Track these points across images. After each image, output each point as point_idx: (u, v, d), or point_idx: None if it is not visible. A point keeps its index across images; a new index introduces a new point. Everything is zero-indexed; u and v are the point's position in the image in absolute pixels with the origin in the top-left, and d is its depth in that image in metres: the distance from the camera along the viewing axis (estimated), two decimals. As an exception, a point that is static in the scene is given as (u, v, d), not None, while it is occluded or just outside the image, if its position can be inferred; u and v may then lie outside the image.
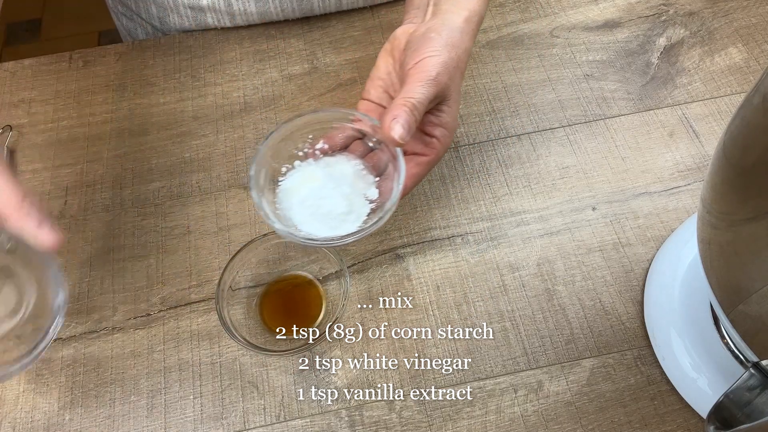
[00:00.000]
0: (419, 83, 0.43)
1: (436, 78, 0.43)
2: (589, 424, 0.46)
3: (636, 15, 0.66)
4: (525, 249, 0.53)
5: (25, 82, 0.64)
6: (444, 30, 0.45)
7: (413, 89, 0.43)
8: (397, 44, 0.48)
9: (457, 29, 0.46)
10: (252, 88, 0.63)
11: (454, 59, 0.45)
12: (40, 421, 0.47)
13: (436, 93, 0.44)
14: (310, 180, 0.48)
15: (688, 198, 0.55)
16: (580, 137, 0.59)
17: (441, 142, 0.47)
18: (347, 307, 0.50)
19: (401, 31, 0.48)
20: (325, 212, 0.46)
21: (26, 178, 0.58)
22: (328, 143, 0.49)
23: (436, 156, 0.47)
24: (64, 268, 0.53)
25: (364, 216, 0.47)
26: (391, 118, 0.42)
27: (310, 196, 0.47)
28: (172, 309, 0.51)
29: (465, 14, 0.47)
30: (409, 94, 0.43)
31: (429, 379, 0.48)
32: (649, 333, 0.49)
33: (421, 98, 0.43)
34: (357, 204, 0.47)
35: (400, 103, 0.42)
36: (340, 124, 0.49)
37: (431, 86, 0.43)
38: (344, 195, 0.47)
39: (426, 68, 0.44)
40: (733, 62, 0.63)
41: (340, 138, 0.49)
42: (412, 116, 0.42)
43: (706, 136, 0.58)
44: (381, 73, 0.49)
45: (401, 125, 0.42)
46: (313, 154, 0.49)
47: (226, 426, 0.47)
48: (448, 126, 0.47)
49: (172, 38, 0.67)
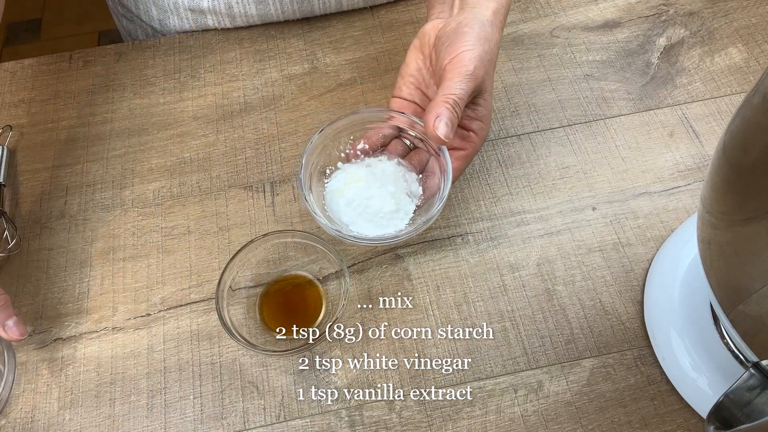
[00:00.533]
0: (458, 79, 0.43)
1: (474, 72, 0.44)
2: (589, 424, 0.46)
3: (636, 15, 0.66)
4: (525, 249, 0.53)
5: (25, 82, 0.64)
6: (476, 24, 0.45)
7: (452, 85, 0.43)
8: (426, 40, 0.48)
9: (488, 22, 0.46)
10: (252, 88, 0.63)
11: (488, 52, 0.45)
12: (40, 421, 0.47)
13: (474, 87, 0.44)
14: (354, 180, 0.49)
15: (688, 198, 0.55)
16: (580, 137, 0.59)
17: (478, 135, 0.48)
18: (347, 307, 0.50)
19: (430, 27, 0.48)
20: (373, 212, 0.47)
21: (26, 178, 0.58)
22: (368, 143, 0.50)
23: (473, 149, 0.48)
24: (65, 268, 0.54)
25: (410, 213, 0.48)
26: (435, 117, 0.42)
27: (357, 197, 0.48)
28: (172, 309, 0.51)
29: (493, 6, 0.47)
30: (450, 91, 0.43)
31: (429, 379, 0.48)
32: (649, 333, 0.49)
33: (461, 94, 0.43)
34: (403, 202, 0.48)
35: (442, 101, 0.43)
36: (378, 123, 0.49)
37: (470, 81, 0.43)
38: (390, 193, 0.48)
39: (463, 63, 0.44)
40: (733, 62, 0.62)
41: (380, 137, 0.50)
42: (454, 113, 0.43)
43: (706, 136, 0.58)
44: (411, 69, 0.49)
45: (445, 123, 0.42)
46: (354, 154, 0.50)
47: (226, 426, 0.47)
48: (484, 119, 0.47)
49: (172, 38, 0.67)
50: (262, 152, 0.59)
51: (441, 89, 0.44)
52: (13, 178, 0.59)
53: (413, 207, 0.48)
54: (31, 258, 0.54)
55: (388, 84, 0.62)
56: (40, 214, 0.56)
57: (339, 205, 0.48)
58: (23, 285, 0.53)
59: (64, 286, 0.53)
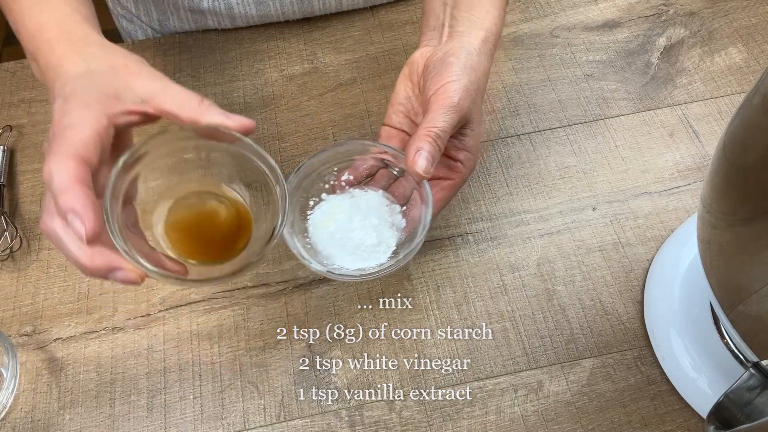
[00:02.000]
0: (441, 111, 0.43)
1: (459, 104, 0.43)
2: (589, 424, 0.46)
3: (636, 15, 0.66)
4: (525, 249, 0.53)
5: (25, 82, 0.64)
6: (462, 53, 0.45)
7: (435, 117, 0.42)
8: (415, 68, 0.47)
9: (475, 51, 0.45)
10: (252, 88, 0.63)
11: (474, 82, 0.44)
12: (40, 421, 0.47)
13: (459, 119, 0.43)
14: (337, 212, 0.48)
15: (688, 198, 0.55)
16: (580, 137, 0.59)
17: (465, 166, 0.47)
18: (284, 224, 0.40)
19: (419, 55, 0.48)
20: (354, 245, 0.46)
21: (26, 178, 0.58)
22: (352, 174, 0.49)
23: (461, 179, 0.47)
24: (65, 268, 0.54)
25: (393, 246, 0.47)
26: (415, 151, 0.42)
27: (339, 229, 0.47)
28: (172, 309, 0.51)
29: (482, 35, 0.46)
30: (432, 123, 0.42)
31: (429, 379, 0.48)
32: (649, 333, 0.49)
33: (444, 126, 0.42)
34: (386, 234, 0.47)
35: (423, 134, 0.42)
36: (363, 155, 0.48)
37: (454, 113, 0.43)
38: (372, 226, 0.47)
39: (447, 94, 0.43)
40: (733, 62, 0.63)
41: (365, 169, 0.49)
42: (436, 146, 0.42)
43: (706, 136, 0.58)
44: (401, 98, 0.48)
45: (425, 158, 0.41)
46: (339, 186, 0.49)
47: (226, 426, 0.47)
48: (472, 149, 0.47)
49: (172, 38, 0.67)
50: (262, 152, 0.59)
51: (424, 121, 0.43)
52: (13, 178, 0.59)
53: (395, 240, 0.47)
54: (31, 258, 0.54)
55: (387, 84, 0.62)
56: (40, 214, 0.56)
57: (322, 237, 0.47)
58: (23, 285, 0.53)
59: (64, 286, 0.53)
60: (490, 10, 0.48)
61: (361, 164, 0.49)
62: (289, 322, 0.51)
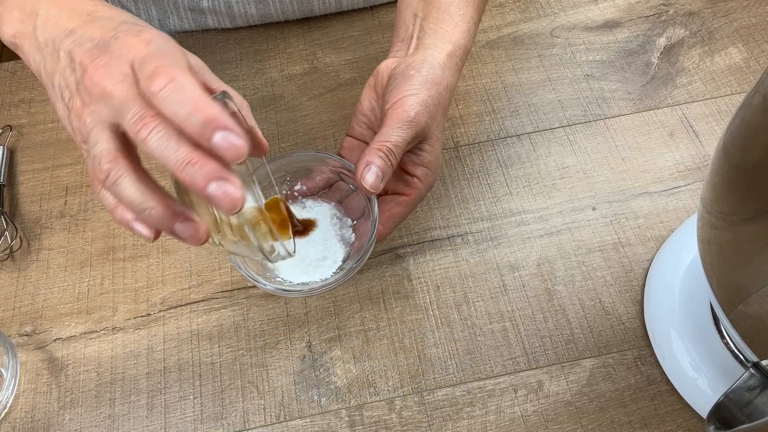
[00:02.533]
0: (396, 125, 0.41)
1: (414, 119, 0.42)
2: (589, 424, 0.46)
3: (636, 15, 0.66)
4: (525, 249, 0.53)
5: (25, 82, 0.64)
6: (424, 67, 0.44)
7: (389, 132, 0.41)
8: (379, 79, 0.46)
9: (438, 65, 0.44)
10: (252, 88, 0.63)
11: (434, 97, 0.43)
12: (40, 421, 0.47)
13: (414, 134, 0.42)
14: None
15: (688, 198, 0.55)
16: (580, 137, 0.59)
17: (422, 182, 0.46)
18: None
19: (384, 66, 0.46)
20: (299, 258, 0.45)
21: (26, 178, 0.58)
22: (306, 185, 0.48)
23: (417, 195, 0.46)
24: (65, 268, 0.54)
25: (339, 261, 0.47)
26: (364, 165, 0.41)
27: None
28: (172, 309, 0.51)
29: (448, 48, 0.45)
30: (386, 137, 0.41)
31: (429, 379, 0.48)
32: (649, 333, 0.49)
33: (398, 141, 0.41)
34: (332, 249, 0.47)
35: (375, 148, 0.41)
36: (318, 165, 0.48)
37: (409, 128, 0.42)
38: (319, 240, 0.46)
39: (404, 108, 0.42)
40: (733, 62, 0.63)
41: (319, 180, 0.48)
42: (387, 162, 0.41)
43: (706, 136, 0.58)
44: (364, 108, 0.47)
45: (374, 173, 0.40)
46: (292, 196, 0.49)
47: (226, 426, 0.47)
48: (429, 165, 0.45)
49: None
50: (262, 152, 0.59)
51: (378, 135, 0.42)
52: (13, 178, 0.59)
53: (342, 254, 0.47)
54: (31, 258, 0.54)
55: (388, 84, 0.62)
56: (40, 214, 0.56)
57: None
58: (23, 285, 0.53)
59: (64, 286, 0.53)
60: (459, 24, 0.47)
61: (317, 175, 0.48)
62: (289, 322, 0.51)
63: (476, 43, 0.65)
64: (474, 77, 0.63)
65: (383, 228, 0.45)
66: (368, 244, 0.43)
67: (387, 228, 0.46)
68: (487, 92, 0.62)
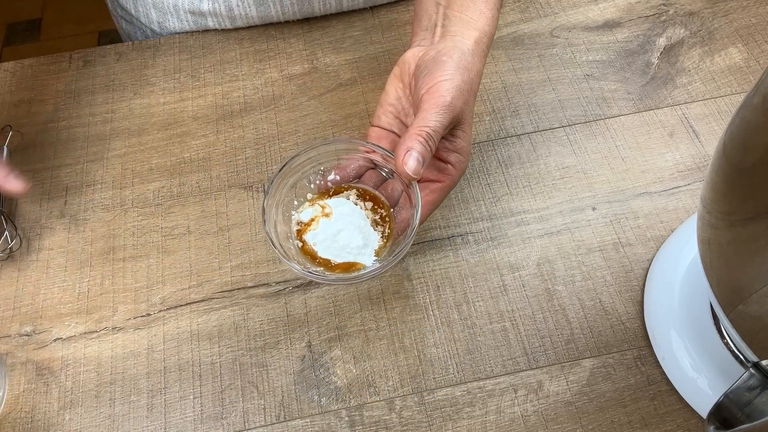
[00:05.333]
0: (434, 110, 0.42)
1: (451, 103, 0.42)
2: (589, 424, 0.46)
3: (636, 15, 0.66)
4: (525, 249, 0.53)
5: (25, 82, 0.64)
6: (455, 53, 0.44)
7: (428, 117, 0.41)
8: (406, 68, 0.47)
9: (468, 52, 0.44)
10: (252, 88, 0.63)
11: (467, 82, 0.43)
12: (40, 421, 0.47)
13: (451, 119, 0.42)
14: (322, 213, 0.47)
15: (688, 198, 0.55)
16: (580, 137, 0.59)
17: (456, 168, 0.46)
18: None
19: (410, 55, 0.47)
20: (340, 246, 0.46)
21: (26, 178, 0.58)
22: (339, 174, 0.48)
23: (451, 182, 0.46)
24: (65, 268, 0.54)
25: (376, 248, 0.47)
26: (405, 151, 0.41)
27: (324, 230, 0.46)
28: (172, 309, 0.51)
29: (475, 35, 0.46)
30: (424, 123, 0.41)
31: (429, 379, 0.48)
32: (649, 333, 0.49)
33: (437, 126, 0.41)
34: (371, 237, 0.47)
35: (415, 134, 0.41)
36: (351, 154, 0.48)
37: (446, 113, 0.42)
38: (359, 228, 0.47)
39: (440, 93, 0.42)
40: (733, 62, 0.63)
41: (352, 169, 0.48)
42: (427, 147, 0.41)
43: (706, 136, 0.58)
44: (391, 98, 0.48)
45: (415, 158, 0.41)
46: (325, 185, 0.49)
47: (226, 426, 0.47)
48: (462, 151, 0.46)
49: (172, 38, 0.67)
50: (262, 152, 0.59)
51: (415, 121, 0.42)
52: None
53: (379, 242, 0.47)
54: (31, 258, 0.54)
55: (388, 84, 0.62)
56: (40, 214, 0.56)
57: (306, 238, 0.47)
58: (23, 285, 0.53)
59: (64, 286, 0.53)
60: (483, 11, 0.47)
61: (348, 164, 0.48)
62: (289, 322, 0.51)
63: (476, 43, 0.65)
64: (474, 77, 0.63)
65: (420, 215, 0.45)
66: (411, 229, 0.43)
67: (422, 216, 0.46)
68: (487, 92, 0.62)
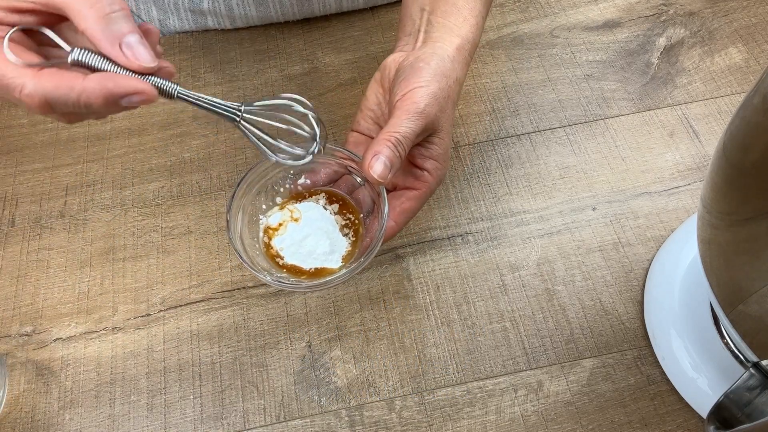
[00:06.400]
0: (406, 116, 0.41)
1: (424, 110, 0.41)
2: (589, 424, 0.46)
3: (636, 15, 0.66)
4: (525, 249, 0.53)
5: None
6: (434, 59, 0.43)
7: (399, 123, 0.41)
8: (386, 74, 0.46)
9: (448, 58, 0.44)
10: (252, 88, 0.63)
11: (444, 89, 0.43)
12: (40, 421, 0.47)
13: (424, 126, 0.42)
14: (290, 218, 0.47)
15: (688, 198, 0.55)
16: (580, 137, 0.59)
17: (432, 176, 0.45)
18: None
19: (391, 60, 0.46)
20: (306, 252, 0.45)
21: (26, 178, 0.58)
22: (310, 179, 0.48)
23: (428, 190, 0.45)
24: (65, 268, 0.54)
25: (344, 254, 0.46)
26: (372, 155, 0.40)
27: (292, 235, 0.46)
28: (172, 309, 0.51)
29: (457, 42, 0.45)
30: (394, 128, 0.41)
31: (429, 379, 0.48)
32: (649, 333, 0.49)
33: (407, 132, 0.41)
34: (339, 243, 0.46)
35: (383, 138, 0.40)
36: (324, 159, 0.47)
37: (419, 119, 0.41)
38: (326, 233, 0.46)
39: (414, 100, 0.41)
40: (733, 62, 0.63)
41: (324, 174, 0.48)
42: (396, 152, 0.40)
43: (706, 136, 0.58)
44: (370, 103, 0.47)
45: (382, 162, 0.40)
46: (295, 189, 0.48)
47: (226, 426, 0.47)
48: (439, 158, 0.45)
49: (172, 38, 0.67)
50: (262, 152, 0.59)
51: (386, 126, 0.41)
52: (13, 178, 0.59)
53: (346, 248, 0.46)
54: (31, 258, 0.54)
55: (388, 84, 0.62)
56: (40, 214, 0.56)
57: (272, 242, 0.46)
58: (23, 285, 0.53)
59: (64, 286, 0.53)
60: (468, 18, 0.46)
61: (320, 169, 0.48)
62: (289, 322, 0.51)
63: (476, 43, 0.65)
64: (474, 77, 0.63)
65: (395, 224, 0.45)
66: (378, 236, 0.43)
67: (398, 223, 0.45)
68: (487, 92, 0.62)
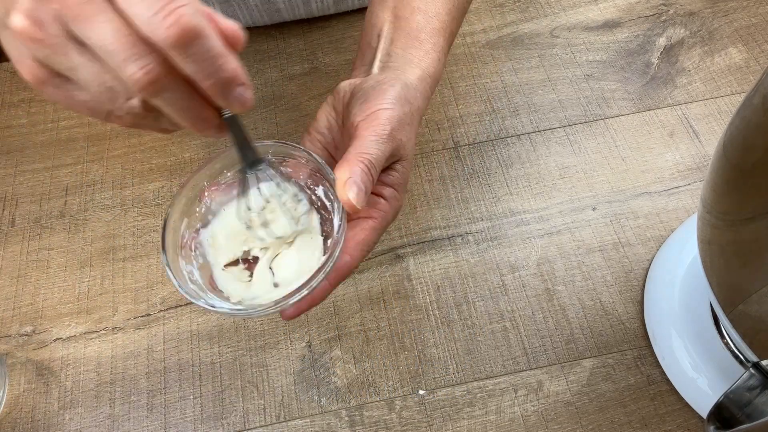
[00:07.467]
0: (374, 138, 0.37)
1: (392, 134, 0.37)
2: (589, 424, 0.46)
3: (636, 15, 0.66)
4: (525, 249, 0.53)
5: (25, 82, 0.64)
6: (398, 83, 0.40)
7: (368, 145, 0.36)
8: (340, 97, 0.42)
9: (411, 86, 0.40)
10: (252, 88, 0.63)
11: (408, 115, 0.39)
12: (40, 421, 0.47)
13: (392, 150, 0.38)
14: (233, 230, 0.39)
15: (688, 198, 0.55)
16: (580, 137, 0.59)
17: (390, 204, 0.40)
18: None
19: (346, 84, 0.42)
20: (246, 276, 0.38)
21: (26, 178, 0.58)
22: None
23: (384, 220, 0.40)
24: (65, 268, 0.54)
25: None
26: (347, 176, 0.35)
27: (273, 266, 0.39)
28: (172, 309, 0.51)
29: (418, 72, 0.42)
30: (364, 149, 0.36)
31: (429, 379, 0.48)
32: (649, 333, 0.49)
33: (378, 155, 0.36)
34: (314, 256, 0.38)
35: (356, 159, 0.36)
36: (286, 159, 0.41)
37: (387, 143, 0.37)
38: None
39: (380, 122, 0.37)
40: (733, 62, 0.63)
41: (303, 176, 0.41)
42: (369, 176, 0.36)
43: (706, 136, 0.58)
44: (321, 126, 0.42)
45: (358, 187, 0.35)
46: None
47: (226, 426, 0.47)
48: (399, 187, 0.40)
49: (172, 38, 0.67)
50: (262, 152, 0.59)
51: (354, 146, 0.36)
52: (13, 178, 0.59)
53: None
54: (31, 258, 0.54)
55: (388, 84, 0.62)
56: (40, 214, 0.56)
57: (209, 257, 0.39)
58: (23, 285, 0.53)
59: (64, 286, 0.53)
60: (429, 52, 0.43)
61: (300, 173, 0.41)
62: (289, 322, 0.51)
63: (476, 43, 0.65)
64: (474, 77, 0.63)
65: (350, 258, 0.38)
66: (326, 268, 0.35)
67: (355, 258, 0.38)
68: (487, 92, 0.62)
